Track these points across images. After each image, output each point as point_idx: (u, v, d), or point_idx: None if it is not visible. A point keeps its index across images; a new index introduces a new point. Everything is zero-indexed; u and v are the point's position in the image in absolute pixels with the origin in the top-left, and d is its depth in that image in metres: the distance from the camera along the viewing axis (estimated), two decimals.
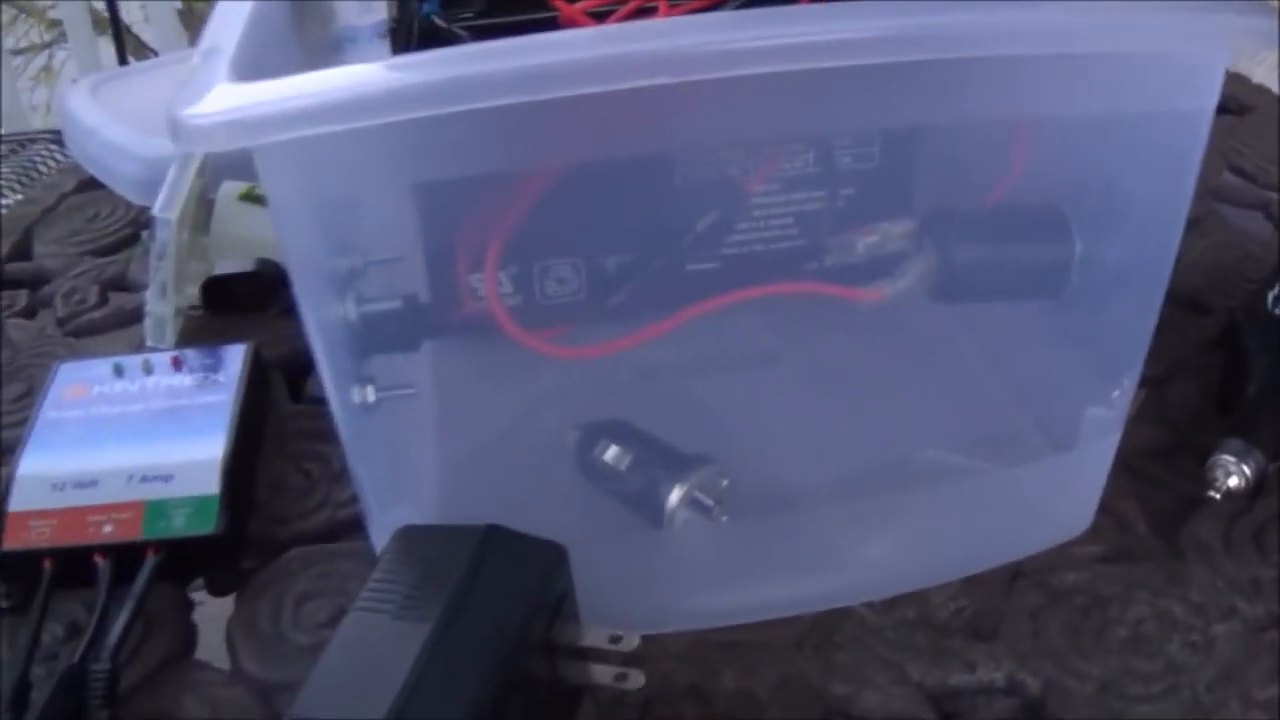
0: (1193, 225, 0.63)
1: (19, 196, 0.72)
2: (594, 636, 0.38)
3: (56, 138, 0.78)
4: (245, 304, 0.57)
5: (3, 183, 0.75)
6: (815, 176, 0.44)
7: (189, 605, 0.46)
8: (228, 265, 0.54)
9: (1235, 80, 0.78)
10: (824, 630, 0.43)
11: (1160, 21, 0.35)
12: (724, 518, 0.41)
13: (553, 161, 0.39)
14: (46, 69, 2.30)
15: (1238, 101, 0.76)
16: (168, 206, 0.50)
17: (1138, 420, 0.51)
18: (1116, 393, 0.43)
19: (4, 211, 0.71)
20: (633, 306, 0.44)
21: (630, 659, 0.38)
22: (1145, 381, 0.52)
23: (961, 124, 0.42)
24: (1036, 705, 0.41)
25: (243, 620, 0.45)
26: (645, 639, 0.41)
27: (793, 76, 0.32)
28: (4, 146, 0.81)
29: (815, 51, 0.32)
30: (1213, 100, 0.38)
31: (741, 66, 0.32)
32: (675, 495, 0.41)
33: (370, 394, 0.41)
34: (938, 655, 0.42)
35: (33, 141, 0.82)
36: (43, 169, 0.74)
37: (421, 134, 0.33)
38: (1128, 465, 0.48)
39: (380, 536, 0.41)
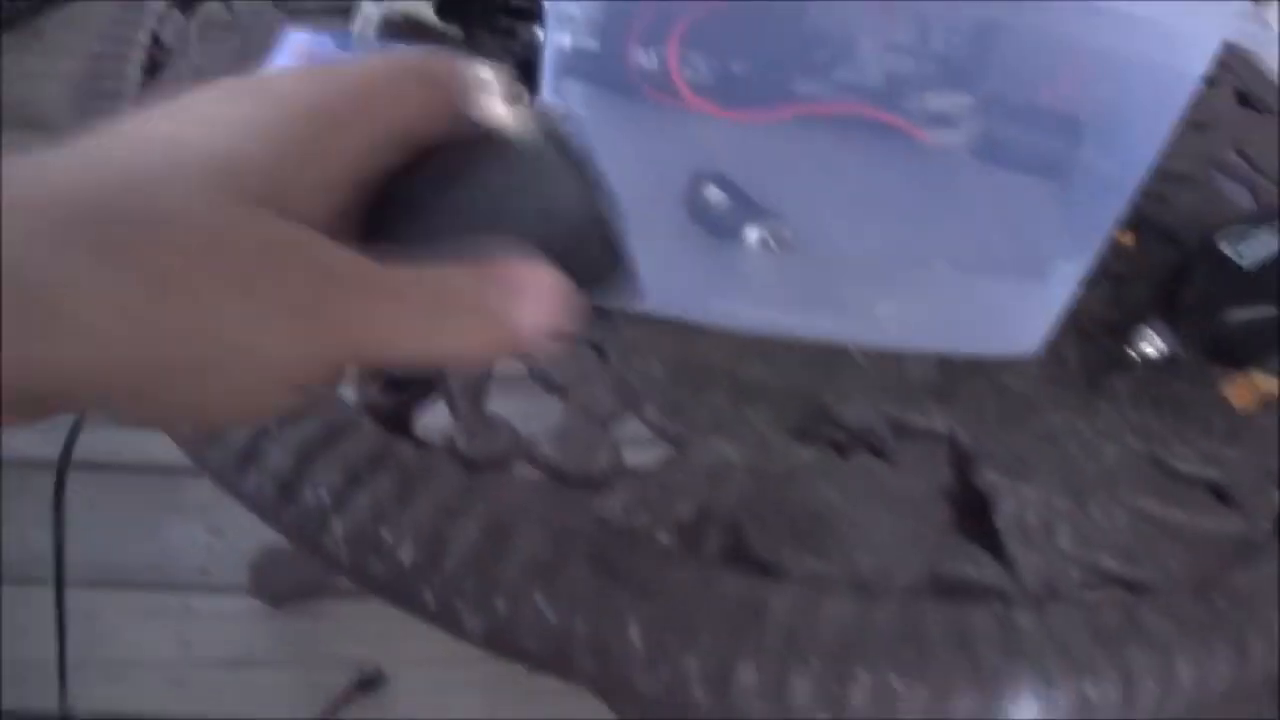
0: (1186, 179, 0.78)
1: None
2: None
3: None
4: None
5: None
6: (911, 46, 0.59)
7: None
8: None
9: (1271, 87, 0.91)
10: (827, 360, 0.59)
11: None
12: (781, 255, 0.57)
13: None
14: None
15: (1265, 104, 0.89)
16: None
17: (1099, 303, 0.67)
18: (1081, 255, 0.58)
19: None
20: (748, 99, 0.59)
21: None
22: (1112, 277, 0.68)
23: (1027, 31, 0.58)
24: (957, 447, 0.57)
25: None
26: (703, 331, 0.58)
27: None
28: None
29: None
30: (1199, 68, 0.52)
31: None
32: (754, 232, 0.57)
33: None
34: (903, 396, 0.58)
35: None
36: None
37: None
38: (1080, 328, 0.64)
39: None
